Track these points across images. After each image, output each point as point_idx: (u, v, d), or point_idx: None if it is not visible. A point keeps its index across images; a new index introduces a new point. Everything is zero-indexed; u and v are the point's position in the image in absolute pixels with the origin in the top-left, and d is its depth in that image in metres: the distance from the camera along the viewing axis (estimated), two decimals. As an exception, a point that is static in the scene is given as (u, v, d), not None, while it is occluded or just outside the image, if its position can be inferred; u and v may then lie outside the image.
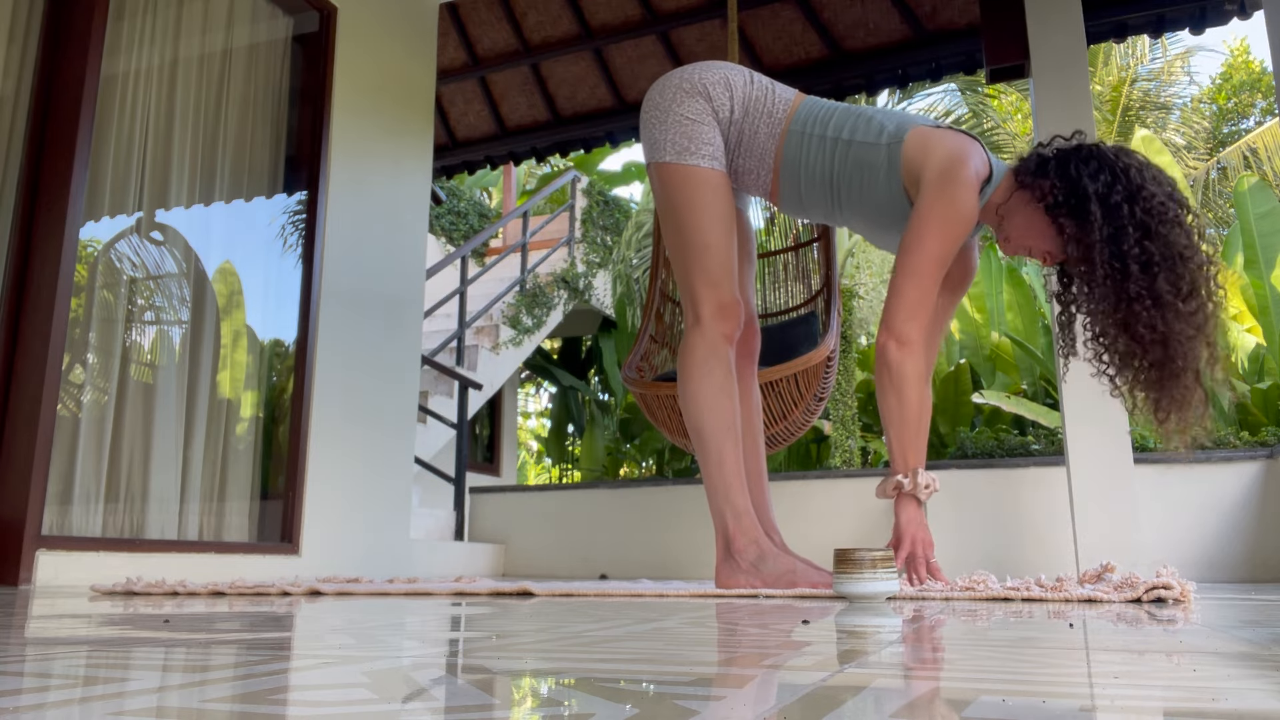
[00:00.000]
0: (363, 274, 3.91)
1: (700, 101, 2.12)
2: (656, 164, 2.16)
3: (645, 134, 2.19)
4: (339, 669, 0.69)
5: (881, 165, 2.01)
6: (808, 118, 2.11)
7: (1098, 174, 1.88)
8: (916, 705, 0.53)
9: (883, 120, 2.05)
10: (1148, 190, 1.86)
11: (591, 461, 8.87)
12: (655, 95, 2.20)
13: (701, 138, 2.10)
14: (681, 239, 2.12)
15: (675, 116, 2.12)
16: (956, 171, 1.91)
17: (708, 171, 2.10)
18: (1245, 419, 5.39)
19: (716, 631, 1.05)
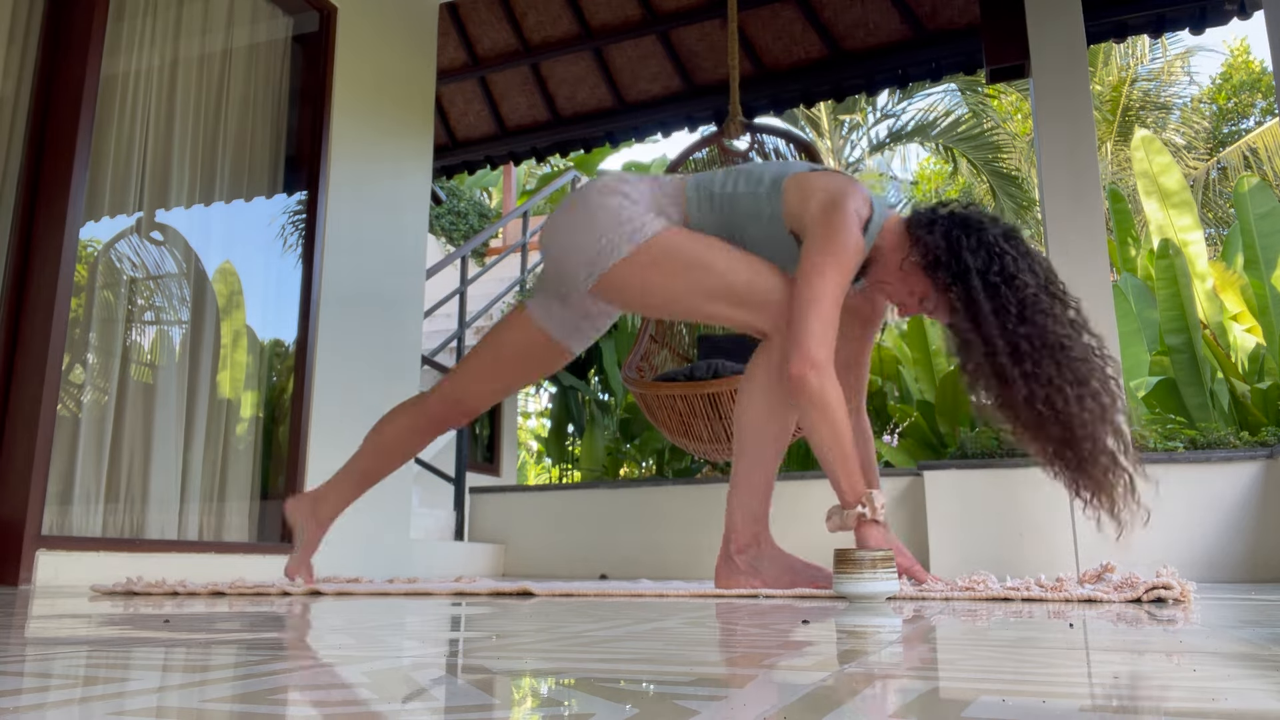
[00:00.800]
0: (363, 274, 3.91)
1: (618, 197, 2.10)
2: (615, 268, 2.03)
3: (578, 255, 2.06)
4: (339, 669, 0.69)
5: (765, 213, 2.07)
6: (698, 187, 2.16)
7: (978, 250, 1.95)
8: (916, 705, 0.53)
9: (762, 171, 2.12)
10: (1021, 280, 1.92)
11: (591, 461, 8.87)
12: (566, 218, 2.11)
13: (637, 216, 2.06)
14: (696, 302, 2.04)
15: (604, 216, 2.05)
16: (838, 205, 1.97)
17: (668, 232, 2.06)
18: (1245, 419, 5.40)
19: (716, 631, 1.05)
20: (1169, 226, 7.10)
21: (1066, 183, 3.68)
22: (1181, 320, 5.65)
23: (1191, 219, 7.08)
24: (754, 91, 5.35)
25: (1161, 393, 5.78)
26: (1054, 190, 3.69)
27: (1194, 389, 5.60)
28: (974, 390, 1.99)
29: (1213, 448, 4.23)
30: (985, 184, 12.03)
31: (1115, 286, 6.20)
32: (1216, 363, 5.82)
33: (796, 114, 12.52)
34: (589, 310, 2.25)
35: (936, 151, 12.88)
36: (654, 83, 5.67)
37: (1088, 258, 3.61)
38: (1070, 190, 3.67)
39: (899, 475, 4.55)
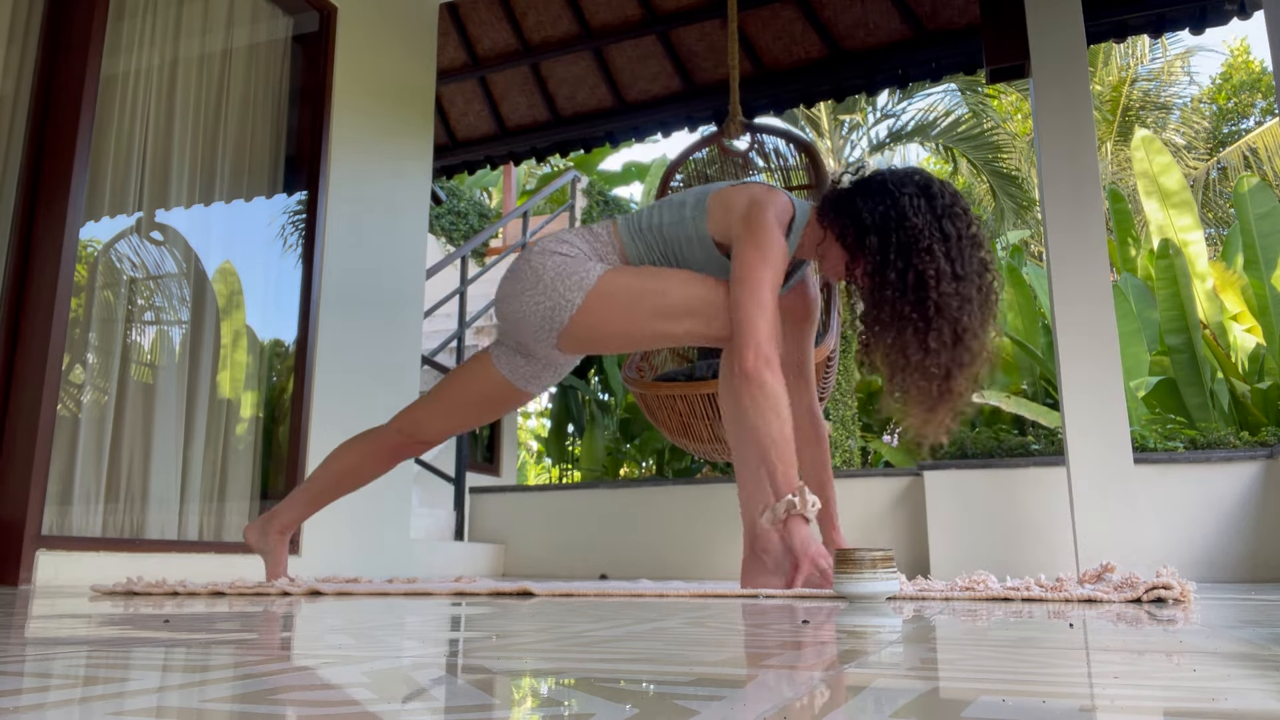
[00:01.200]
0: (363, 274, 3.91)
1: (556, 256, 2.17)
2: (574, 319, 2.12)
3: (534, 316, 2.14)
4: (339, 669, 0.69)
5: (693, 237, 2.17)
6: (629, 226, 2.25)
7: (876, 205, 2.06)
8: (916, 705, 0.53)
9: (683, 198, 2.22)
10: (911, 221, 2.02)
11: (591, 461, 8.87)
12: (513, 283, 2.19)
13: (580, 268, 2.14)
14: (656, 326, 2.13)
15: (550, 275, 2.13)
16: (758, 209, 2.08)
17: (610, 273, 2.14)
18: (1245, 419, 5.40)
19: (716, 631, 1.05)
20: (1169, 226, 7.10)
21: (1066, 183, 3.68)
22: (1181, 320, 5.65)
23: (1191, 219, 7.08)
24: (754, 91, 5.35)
25: (1161, 393, 5.78)
26: (1054, 190, 3.69)
27: (1194, 389, 5.60)
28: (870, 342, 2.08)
29: (1213, 448, 4.24)
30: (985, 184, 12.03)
31: (1115, 286, 6.20)
32: (1216, 363, 5.82)
33: (796, 114, 12.52)
34: (553, 360, 2.33)
35: (936, 151, 12.88)
36: (654, 83, 5.67)
37: (1088, 258, 3.61)
38: (1070, 190, 3.67)
39: (899, 475, 4.55)
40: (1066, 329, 3.59)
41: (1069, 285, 3.61)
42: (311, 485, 2.48)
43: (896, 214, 2.04)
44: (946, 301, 1.98)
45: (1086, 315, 3.57)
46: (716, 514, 4.75)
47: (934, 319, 1.99)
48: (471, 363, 2.40)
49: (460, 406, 2.40)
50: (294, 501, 2.49)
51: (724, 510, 4.73)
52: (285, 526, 2.49)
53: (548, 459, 12.90)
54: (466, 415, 2.42)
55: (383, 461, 2.47)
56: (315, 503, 2.50)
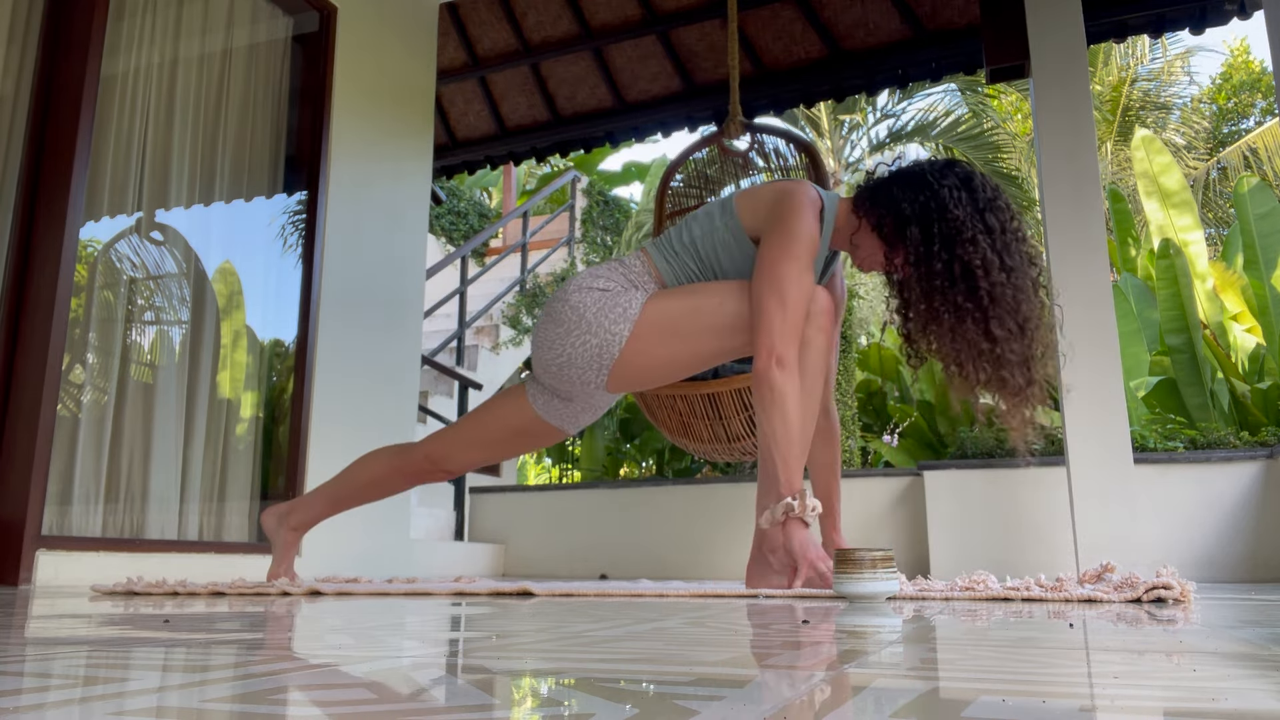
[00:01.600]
0: (363, 274, 3.91)
1: (594, 291, 2.14)
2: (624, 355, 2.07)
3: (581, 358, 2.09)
4: (339, 669, 0.69)
5: (730, 241, 2.15)
6: (661, 250, 2.22)
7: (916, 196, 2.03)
8: (916, 705, 0.53)
9: (710, 209, 2.21)
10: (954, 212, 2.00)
11: (591, 461, 8.87)
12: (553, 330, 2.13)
13: (622, 300, 2.10)
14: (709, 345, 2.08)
15: (592, 313, 2.09)
16: (788, 201, 2.06)
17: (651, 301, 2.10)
18: (1245, 419, 5.39)
19: (716, 631, 1.05)
20: (1169, 227, 7.10)
21: (1066, 183, 3.68)
22: (1181, 320, 5.65)
23: (1192, 219, 7.08)
24: (754, 91, 5.35)
25: (1161, 393, 5.78)
26: (1054, 190, 3.69)
27: (1194, 389, 5.60)
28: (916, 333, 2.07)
29: (1213, 448, 4.24)
30: (985, 184, 12.01)
31: (1115, 286, 6.20)
32: (1216, 363, 5.82)
33: (796, 114, 12.52)
34: (593, 403, 2.30)
35: (936, 151, 12.87)
36: (654, 83, 5.67)
37: (1088, 258, 3.61)
38: (1070, 190, 3.67)
39: (899, 475, 4.55)
40: (1066, 328, 3.58)
41: (1069, 285, 3.61)
42: (334, 489, 2.47)
43: (938, 205, 2.01)
44: (1001, 292, 1.96)
45: (1086, 315, 3.57)
46: (716, 514, 4.75)
47: (990, 308, 1.96)
48: (507, 399, 2.35)
49: (493, 441, 2.37)
50: (314, 501, 2.48)
51: (724, 510, 4.73)
52: (301, 524, 2.49)
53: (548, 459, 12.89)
54: (498, 449, 2.39)
55: (406, 481, 2.46)
56: (335, 507, 2.49)
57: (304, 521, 2.49)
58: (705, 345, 2.10)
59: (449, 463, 2.40)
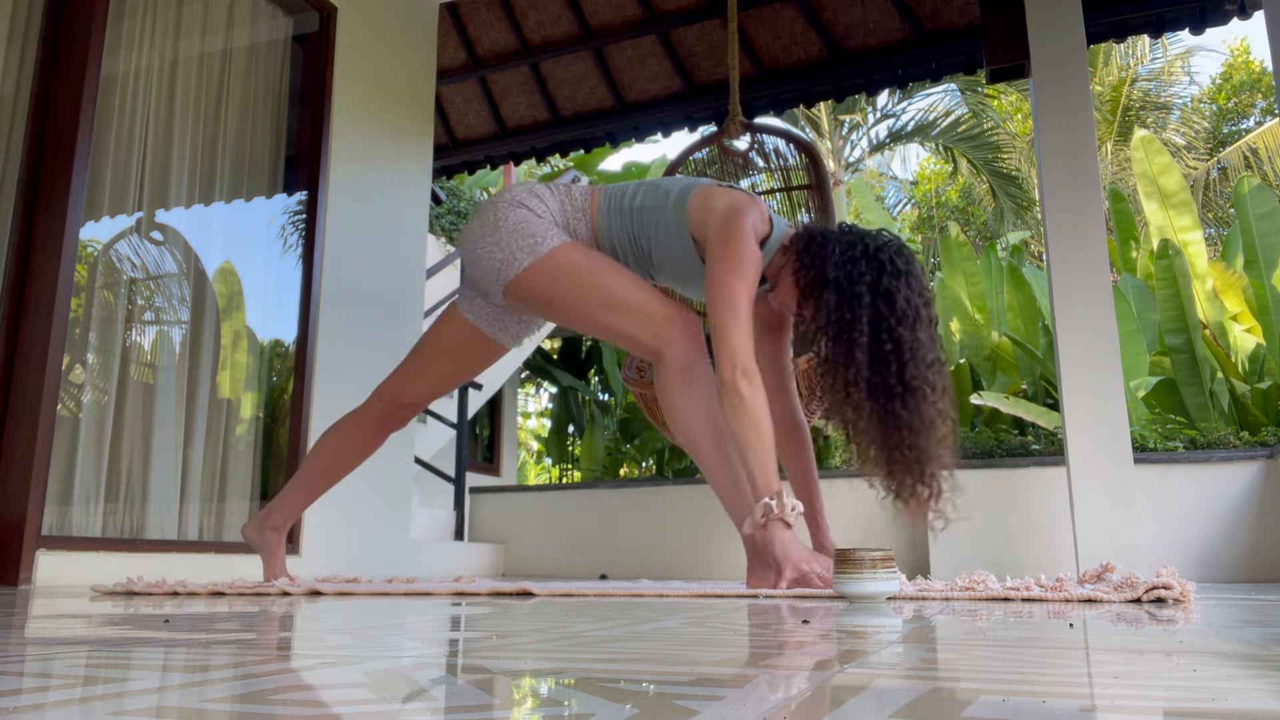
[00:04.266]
0: (363, 274, 3.91)
1: (522, 210, 2.20)
2: (518, 278, 2.15)
3: (485, 263, 2.18)
4: (339, 669, 0.69)
5: (671, 224, 2.19)
6: (609, 197, 2.27)
7: (846, 263, 2.08)
8: (916, 705, 0.53)
9: (669, 185, 2.24)
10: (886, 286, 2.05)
11: (591, 461, 8.87)
12: (474, 227, 2.22)
13: (538, 230, 2.17)
14: (591, 308, 2.15)
15: (507, 229, 2.16)
16: (735, 219, 2.09)
17: (563, 247, 2.16)
18: (1245, 419, 5.39)
19: (716, 631, 1.05)
20: (1169, 227, 7.09)
21: (1066, 183, 3.68)
22: (1181, 320, 5.65)
23: (1191, 219, 7.08)
24: (754, 91, 5.35)
25: (1161, 393, 5.78)
26: (1054, 190, 3.69)
27: (1194, 389, 5.60)
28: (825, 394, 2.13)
29: (1213, 448, 4.24)
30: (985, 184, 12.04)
31: (1115, 287, 6.20)
32: (1216, 363, 5.82)
33: (796, 114, 12.52)
34: (513, 308, 2.34)
35: (936, 151, 12.88)
36: (654, 83, 5.67)
37: (1088, 258, 3.61)
38: (1070, 190, 3.67)
39: (899, 475, 4.55)
40: (1066, 329, 3.59)
41: (1069, 285, 3.61)
42: (303, 475, 2.47)
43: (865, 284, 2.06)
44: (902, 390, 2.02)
45: (1086, 315, 3.57)
46: (716, 514, 4.75)
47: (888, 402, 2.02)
48: (441, 316, 2.42)
49: (435, 361, 2.41)
50: (288, 495, 2.48)
51: (724, 510, 4.73)
52: (282, 522, 2.49)
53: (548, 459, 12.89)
54: (442, 370, 2.42)
55: (369, 437, 2.46)
56: (310, 491, 2.48)
57: (284, 519, 2.49)
58: (589, 312, 2.15)
59: (404, 396, 2.43)
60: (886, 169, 17.35)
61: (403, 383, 2.42)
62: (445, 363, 2.41)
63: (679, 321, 2.13)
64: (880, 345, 2.03)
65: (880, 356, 2.02)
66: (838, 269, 2.08)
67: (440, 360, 2.41)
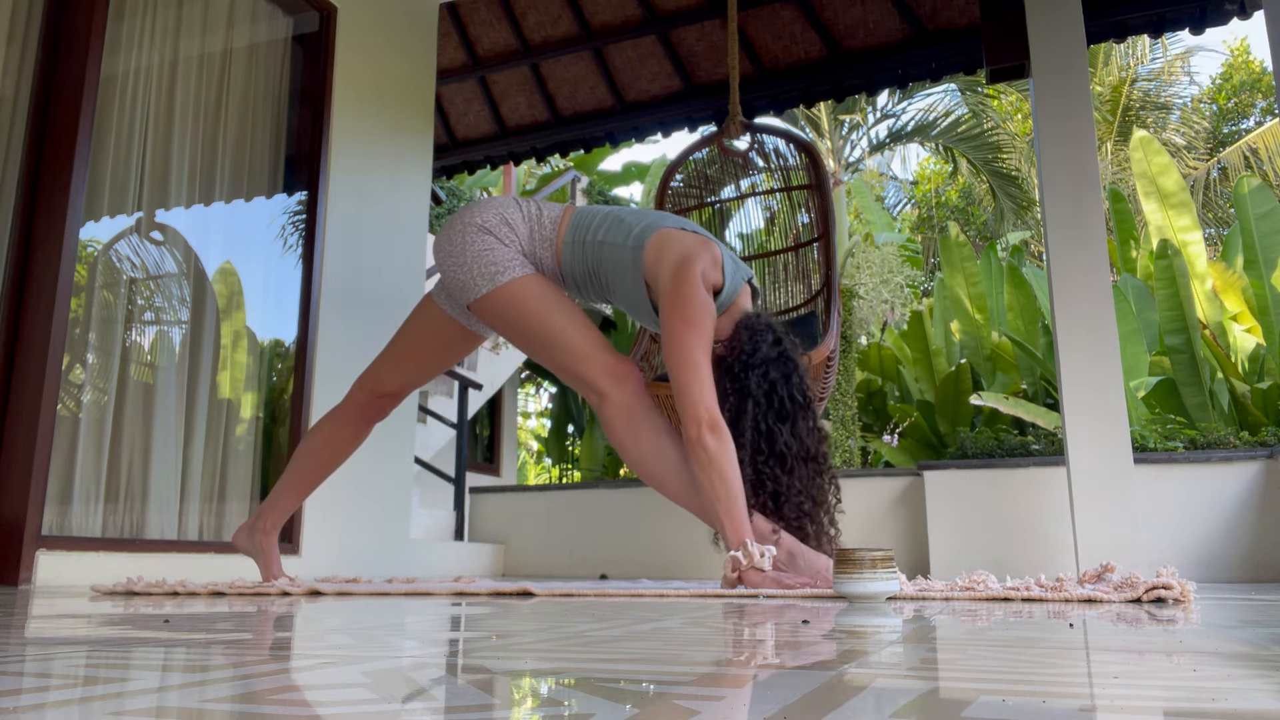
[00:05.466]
0: (363, 274, 3.91)
1: (488, 237, 2.25)
2: (478, 304, 2.24)
3: (450, 279, 2.27)
4: (339, 669, 0.69)
5: (628, 266, 2.25)
6: (575, 227, 2.31)
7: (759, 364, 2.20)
8: (916, 705, 0.53)
9: (632, 222, 2.28)
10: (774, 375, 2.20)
11: (591, 461, 8.87)
12: (444, 244, 2.28)
13: (501, 260, 2.23)
14: (542, 344, 2.24)
15: (471, 254, 2.23)
16: (684, 271, 2.15)
17: (521, 280, 2.23)
18: (1245, 419, 5.39)
19: (717, 631, 1.05)
20: (1168, 227, 7.10)
21: (1066, 183, 3.68)
22: (1181, 320, 5.66)
23: (1190, 219, 7.08)
24: (754, 91, 5.35)
25: (1161, 393, 5.78)
26: (1054, 190, 3.69)
27: (1193, 389, 5.60)
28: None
29: (1213, 448, 4.24)
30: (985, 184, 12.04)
31: (1115, 287, 6.20)
32: (1216, 363, 5.82)
33: (796, 114, 12.52)
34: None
35: (936, 151, 12.88)
36: (654, 83, 5.67)
37: (1088, 258, 3.61)
38: (1070, 190, 3.67)
39: (899, 475, 4.55)
40: (1066, 329, 3.59)
41: (1069, 285, 3.61)
42: (291, 475, 2.48)
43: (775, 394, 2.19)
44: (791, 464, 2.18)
45: (1086, 315, 3.57)
46: (716, 514, 4.75)
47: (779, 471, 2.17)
48: (418, 307, 2.46)
49: (415, 352, 2.44)
50: (278, 498, 2.48)
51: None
52: (274, 524, 2.48)
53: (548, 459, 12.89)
54: (420, 358, 2.45)
55: (353, 428, 2.48)
56: (300, 491, 2.48)
57: (275, 520, 2.48)
58: (537, 348, 2.25)
59: (384, 386, 2.45)
60: (886, 169, 17.35)
61: (382, 372, 2.45)
62: (423, 352, 2.45)
63: (621, 373, 2.22)
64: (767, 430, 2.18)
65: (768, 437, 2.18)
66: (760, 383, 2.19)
67: (418, 349, 2.44)
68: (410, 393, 2.53)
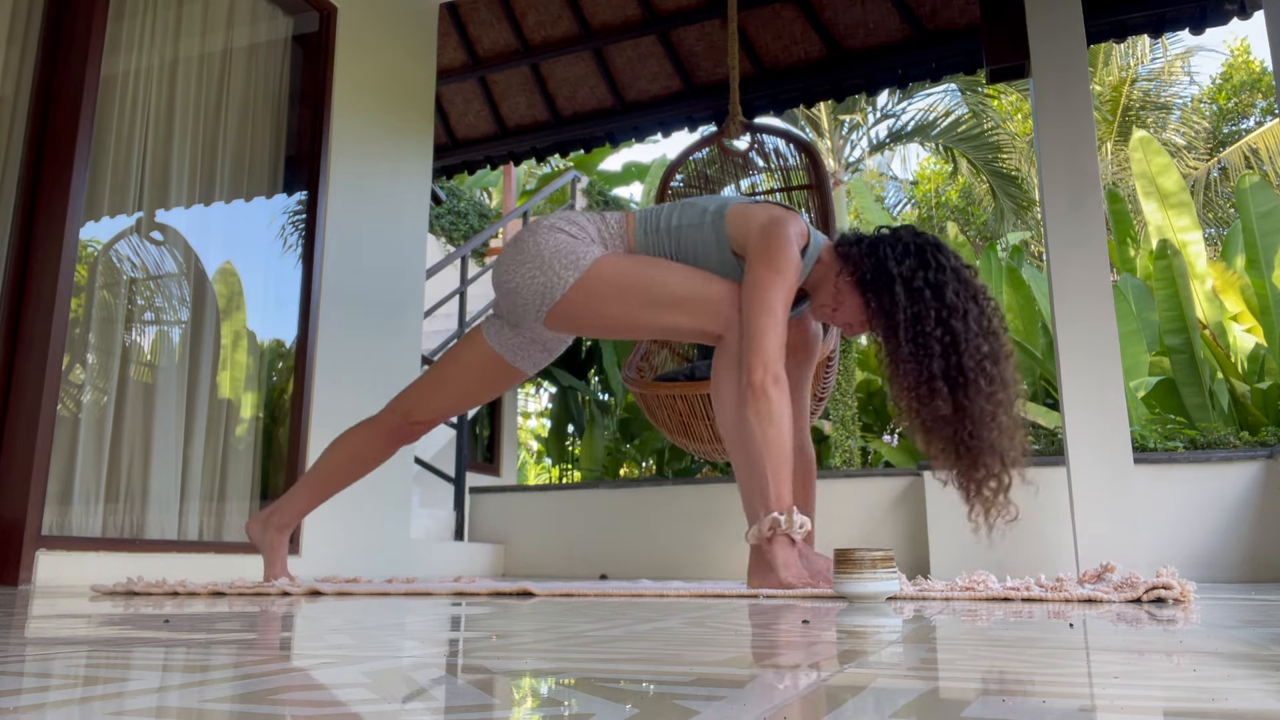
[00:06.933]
0: (363, 274, 3.91)
1: (560, 234, 2.21)
2: (565, 299, 2.14)
3: (526, 292, 2.18)
4: (339, 669, 0.69)
5: (711, 241, 2.21)
6: (644, 222, 2.28)
7: (904, 258, 2.09)
8: (916, 705, 0.53)
9: (704, 203, 2.26)
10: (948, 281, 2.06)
11: (591, 461, 8.87)
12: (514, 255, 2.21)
13: (579, 249, 2.18)
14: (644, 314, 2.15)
15: (549, 251, 2.17)
16: (777, 227, 2.11)
17: (607, 257, 2.18)
18: (1245, 419, 5.39)
19: (716, 631, 1.05)
20: (1168, 227, 7.10)
21: (1066, 183, 3.68)
22: (1180, 320, 5.65)
23: (1190, 219, 7.08)
24: (754, 91, 5.35)
25: (1161, 393, 5.78)
26: (1054, 190, 3.69)
27: (1193, 389, 5.60)
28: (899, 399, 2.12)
29: (1213, 448, 4.24)
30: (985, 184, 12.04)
31: (1115, 287, 6.20)
32: (1216, 363, 5.82)
33: (796, 114, 12.52)
34: (541, 337, 2.35)
35: (936, 151, 12.88)
36: (654, 83, 5.67)
37: (1088, 258, 3.61)
38: (1070, 190, 3.67)
39: (899, 475, 4.55)
40: (1066, 328, 3.58)
41: (1069, 285, 3.61)
42: (311, 478, 2.48)
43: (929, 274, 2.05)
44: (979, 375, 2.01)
45: (1086, 315, 3.57)
46: (716, 514, 4.75)
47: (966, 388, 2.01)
48: (464, 340, 2.43)
49: (454, 384, 2.42)
50: (295, 497, 2.49)
51: (724, 510, 4.73)
52: (286, 523, 2.49)
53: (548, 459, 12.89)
54: (461, 393, 2.43)
55: (380, 446, 2.48)
56: (317, 495, 2.49)
57: (289, 519, 2.49)
58: (641, 316, 2.15)
59: (418, 413, 2.43)
60: (886, 169, 17.35)
61: (419, 400, 2.43)
62: (464, 386, 2.42)
63: (738, 300, 2.12)
64: (937, 337, 2.02)
65: (939, 347, 2.02)
66: (898, 266, 2.07)
67: (459, 383, 2.42)
68: (443, 421, 2.51)
